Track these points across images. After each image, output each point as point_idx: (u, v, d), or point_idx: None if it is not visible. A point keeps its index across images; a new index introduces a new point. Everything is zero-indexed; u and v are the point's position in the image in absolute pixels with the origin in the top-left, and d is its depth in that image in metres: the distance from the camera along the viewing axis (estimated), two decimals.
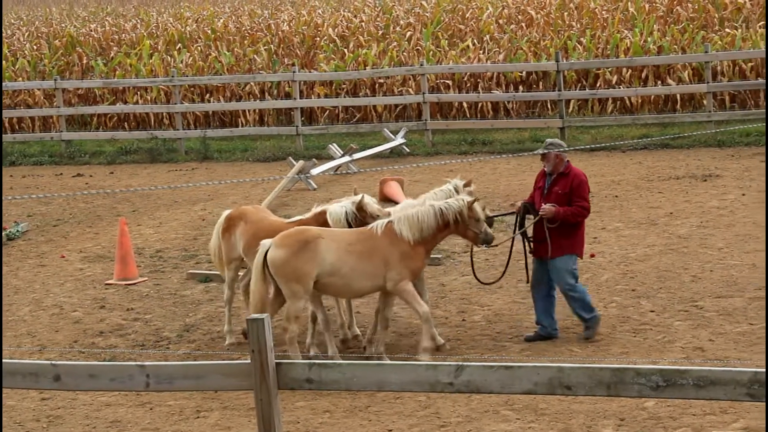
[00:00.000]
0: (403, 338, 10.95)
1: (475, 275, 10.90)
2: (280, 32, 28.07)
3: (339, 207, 10.51)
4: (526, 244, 10.63)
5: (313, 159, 19.96)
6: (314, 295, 10.08)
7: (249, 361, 6.09)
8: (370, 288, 9.99)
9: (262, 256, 9.76)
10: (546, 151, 10.47)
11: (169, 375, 6.28)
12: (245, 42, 27.96)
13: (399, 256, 9.80)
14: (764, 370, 5.55)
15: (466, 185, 10.68)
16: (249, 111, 25.18)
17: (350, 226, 10.30)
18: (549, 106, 23.58)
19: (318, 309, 10.36)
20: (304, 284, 9.67)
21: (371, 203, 10.45)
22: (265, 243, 9.82)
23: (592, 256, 13.18)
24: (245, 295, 10.99)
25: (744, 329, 10.43)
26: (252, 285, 9.96)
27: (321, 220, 10.48)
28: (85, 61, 28.36)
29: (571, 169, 10.50)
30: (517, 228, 10.64)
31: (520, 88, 24.13)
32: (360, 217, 10.37)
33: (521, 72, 24.07)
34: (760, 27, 23.80)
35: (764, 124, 20.08)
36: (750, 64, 22.70)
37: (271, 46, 27.35)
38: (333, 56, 26.20)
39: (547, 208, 10.30)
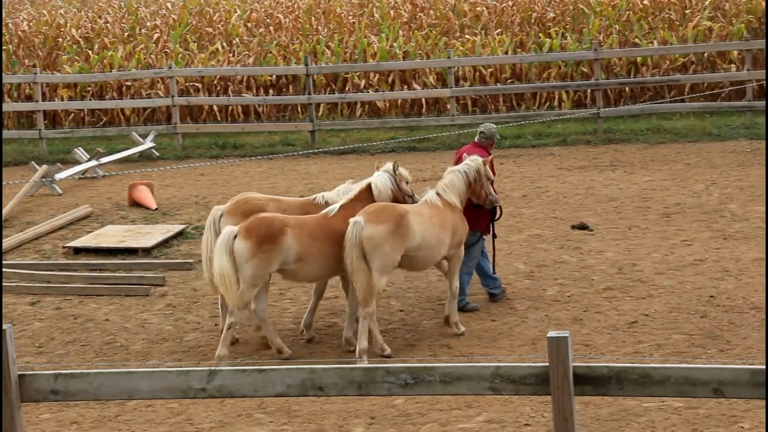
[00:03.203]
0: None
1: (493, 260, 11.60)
2: (19, 32, 26.99)
3: (381, 177, 10.47)
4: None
5: (58, 163, 19.32)
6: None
7: None
8: (440, 259, 10.42)
9: (358, 235, 9.58)
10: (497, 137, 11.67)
11: None
12: None
13: (459, 224, 10.44)
14: (506, 364, 5.79)
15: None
16: None
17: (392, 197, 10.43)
18: (299, 109, 23.74)
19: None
20: (398, 259, 9.85)
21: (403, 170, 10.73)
22: (359, 221, 9.65)
23: None
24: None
25: (487, 326, 10.85)
26: (355, 266, 9.62)
27: (366, 195, 10.34)
28: None
29: None
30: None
31: (271, 91, 24.20)
32: (399, 181, 10.53)
33: (271, 75, 24.12)
34: (498, 34, 24.80)
35: (503, 127, 20.94)
36: (489, 70, 23.61)
37: (10, 46, 26.26)
38: (77, 58, 25.44)
39: None
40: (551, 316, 10.99)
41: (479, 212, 11.04)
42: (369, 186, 10.44)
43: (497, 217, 11.31)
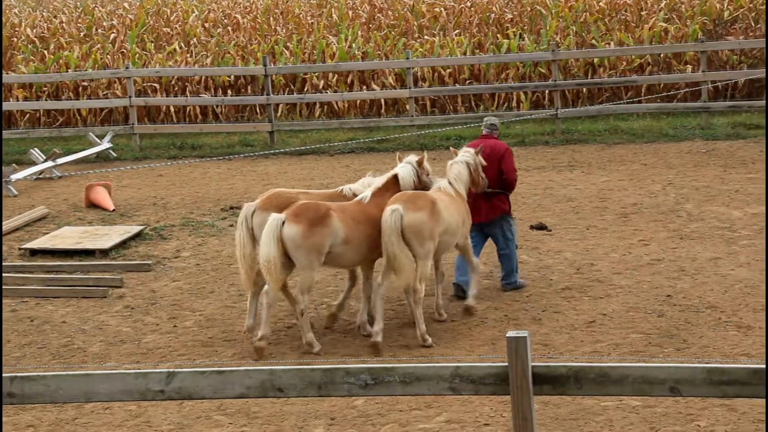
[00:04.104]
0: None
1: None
2: None
3: (405, 168, 10.79)
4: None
5: (13, 164, 19.14)
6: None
7: None
8: (452, 246, 10.79)
9: (398, 221, 9.87)
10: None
11: None
12: None
13: (466, 214, 10.83)
14: (466, 364, 5.81)
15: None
16: None
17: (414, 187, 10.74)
18: (258, 110, 23.68)
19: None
20: (436, 243, 10.23)
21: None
22: (398, 208, 9.90)
23: None
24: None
25: (447, 326, 10.87)
26: (397, 250, 9.87)
27: (393, 185, 10.63)
28: None
29: None
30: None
31: (229, 92, 24.12)
32: (420, 173, 10.84)
33: (229, 76, 24.05)
34: (456, 35, 24.88)
35: (462, 128, 21.03)
36: (448, 71, 23.67)
37: None
38: (32, 58, 25.22)
39: None
40: (510, 316, 11.04)
41: (499, 198, 11.58)
42: (395, 176, 10.78)
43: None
